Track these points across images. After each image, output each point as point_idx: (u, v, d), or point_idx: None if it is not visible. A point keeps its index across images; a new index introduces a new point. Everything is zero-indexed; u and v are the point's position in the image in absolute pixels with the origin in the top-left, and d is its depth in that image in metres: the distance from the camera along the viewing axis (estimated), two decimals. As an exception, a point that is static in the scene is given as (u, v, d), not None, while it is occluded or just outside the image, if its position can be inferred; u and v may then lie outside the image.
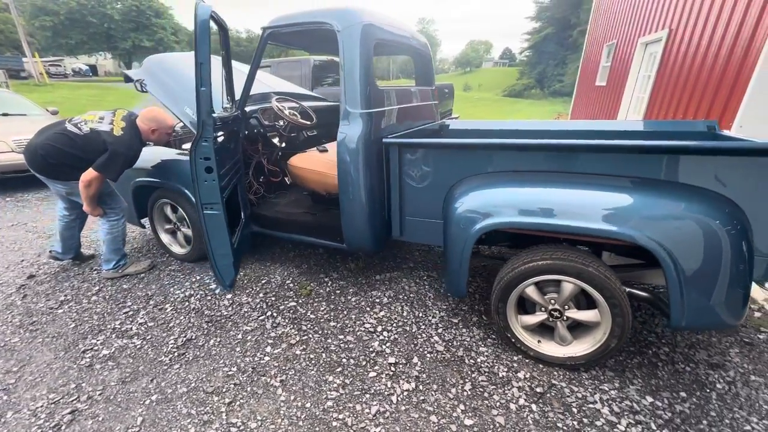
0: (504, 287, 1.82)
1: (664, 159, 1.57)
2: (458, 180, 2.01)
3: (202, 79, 1.59)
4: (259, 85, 3.08)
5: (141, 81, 2.78)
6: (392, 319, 2.20)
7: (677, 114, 4.05)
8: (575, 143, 1.66)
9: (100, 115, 2.38)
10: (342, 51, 1.97)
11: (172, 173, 2.61)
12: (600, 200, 1.59)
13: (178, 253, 2.91)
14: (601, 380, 1.79)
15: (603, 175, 1.67)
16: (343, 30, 1.95)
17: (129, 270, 2.71)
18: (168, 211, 2.85)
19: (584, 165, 1.71)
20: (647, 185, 1.59)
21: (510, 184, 1.79)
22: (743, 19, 3.14)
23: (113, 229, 2.56)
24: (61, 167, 2.28)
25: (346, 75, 1.98)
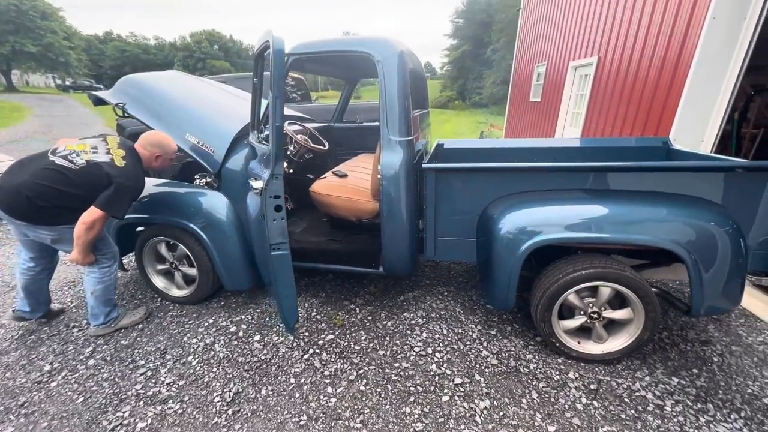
0: (551, 296, 1.99)
1: (680, 175, 1.88)
2: (491, 201, 2.16)
3: (279, 114, 1.48)
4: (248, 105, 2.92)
5: (121, 105, 2.47)
6: (436, 339, 2.24)
7: (614, 127, 4.76)
8: (611, 165, 1.91)
9: (92, 144, 2.05)
10: (382, 80, 2.00)
11: (173, 207, 2.34)
12: (634, 214, 1.84)
13: (178, 295, 2.59)
14: (632, 369, 2.04)
15: (629, 191, 1.94)
16: (384, 60, 1.98)
17: (123, 322, 2.34)
18: (163, 250, 2.54)
19: (613, 182, 1.96)
20: (667, 198, 1.88)
21: (551, 203, 1.97)
22: (666, 49, 3.84)
23: (105, 277, 2.20)
24: (52, 210, 1.92)
25: (387, 104, 2.01)
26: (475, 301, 2.67)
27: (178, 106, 2.48)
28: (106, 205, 1.91)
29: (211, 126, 2.41)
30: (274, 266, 1.61)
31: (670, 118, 3.72)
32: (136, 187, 2.03)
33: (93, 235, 1.95)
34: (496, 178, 2.11)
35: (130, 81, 2.64)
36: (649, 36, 4.16)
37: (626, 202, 1.89)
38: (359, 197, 2.34)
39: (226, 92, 3.04)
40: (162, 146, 2.19)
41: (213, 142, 2.33)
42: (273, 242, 1.57)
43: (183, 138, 2.37)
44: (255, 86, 2.07)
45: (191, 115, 2.45)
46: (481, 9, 35.95)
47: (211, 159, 2.32)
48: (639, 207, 1.87)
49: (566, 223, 1.89)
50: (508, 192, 2.12)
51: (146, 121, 2.45)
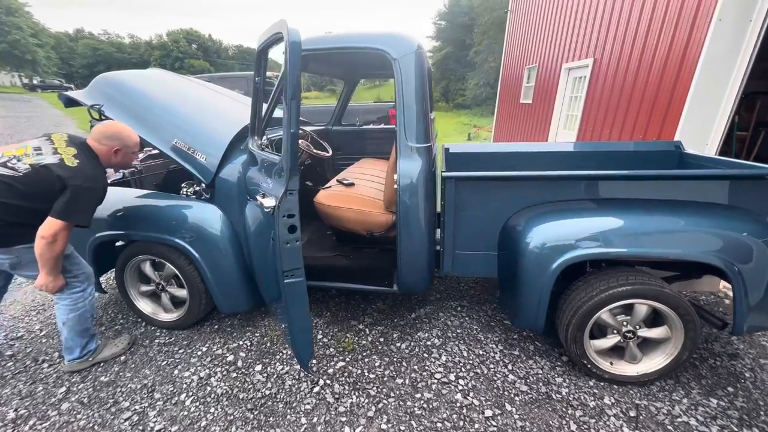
0: (583, 315, 1.83)
1: (719, 185, 1.75)
2: (515, 212, 2.00)
3: (294, 120, 1.26)
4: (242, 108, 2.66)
5: (98, 106, 2.18)
6: (457, 363, 2.06)
7: (613, 130, 4.71)
8: (650, 174, 1.77)
9: (34, 145, 1.74)
10: (399, 80, 1.80)
11: (159, 222, 2.07)
12: (676, 226, 1.70)
13: (165, 320, 2.32)
14: (667, 390, 1.91)
15: (664, 200, 1.81)
16: (400, 58, 1.78)
17: (103, 355, 2.06)
18: (147, 270, 2.26)
19: (644, 191, 1.82)
20: (706, 209, 1.76)
21: (584, 214, 1.82)
22: (668, 52, 3.80)
23: (78, 303, 1.91)
24: (1, 229, 1.63)
25: (405, 107, 1.81)
26: (491, 316, 2.50)
27: (163, 108, 2.21)
28: (64, 213, 1.61)
29: (202, 130, 2.15)
30: (287, 296, 1.39)
31: (674, 121, 3.66)
32: (97, 188, 1.73)
33: (58, 251, 1.66)
34: (522, 187, 1.95)
35: (108, 80, 2.35)
36: (649, 39, 4.11)
37: (666, 212, 1.75)
38: (371, 209, 2.13)
39: (216, 92, 2.78)
40: (121, 138, 1.85)
41: (205, 149, 2.08)
42: (286, 269, 1.34)
43: (170, 144, 2.11)
44: (257, 86, 1.84)
45: (179, 118, 2.18)
46: (463, 11, 36.27)
47: (203, 168, 2.07)
48: (679, 218, 1.73)
49: (603, 237, 1.74)
50: (534, 202, 1.97)
51: (126, 124, 2.17)
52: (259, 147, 1.83)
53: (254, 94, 1.85)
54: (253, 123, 1.92)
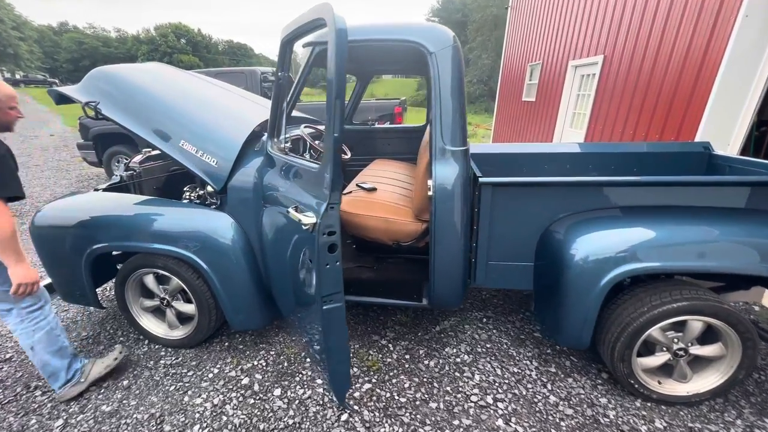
0: (633, 333, 1.69)
1: None
2: (556, 220, 1.86)
3: (339, 122, 1.07)
4: (251, 105, 2.46)
5: (94, 104, 1.97)
6: (492, 383, 1.91)
7: (626, 129, 4.60)
8: (720, 179, 1.63)
9: None
10: (436, 77, 1.63)
11: (165, 232, 1.87)
12: (740, 236, 1.57)
13: (171, 337, 2.12)
14: (719, 411, 1.78)
15: (721, 208, 1.68)
16: (438, 52, 1.61)
17: (95, 371, 1.85)
18: (151, 283, 2.06)
19: (699, 198, 1.69)
20: (762, 216, 1.62)
21: (636, 223, 1.67)
22: (688, 49, 3.68)
23: (39, 322, 1.67)
24: None
25: (441, 106, 1.64)
26: (519, 328, 2.35)
27: (167, 106, 2.01)
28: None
29: (211, 131, 1.96)
30: (325, 323, 1.21)
31: (694, 120, 3.56)
32: (2, 154, 1.50)
33: (9, 230, 1.45)
34: (565, 193, 1.80)
35: (104, 75, 2.13)
36: (665, 35, 4.00)
37: (727, 221, 1.61)
38: (398, 216, 1.96)
39: (221, 88, 2.57)
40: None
41: (216, 152, 1.88)
42: (325, 293, 1.17)
43: (177, 147, 1.91)
44: (280, 82, 1.64)
45: (185, 118, 1.98)
46: (456, 9, 36.12)
47: (214, 172, 1.87)
48: (740, 227, 1.60)
49: (662, 250, 1.59)
50: (577, 209, 1.82)
51: (126, 124, 1.96)
52: (282, 150, 1.64)
53: (276, 90, 1.66)
54: (273, 123, 1.73)
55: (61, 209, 2.04)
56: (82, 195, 2.14)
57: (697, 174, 2.66)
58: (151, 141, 1.92)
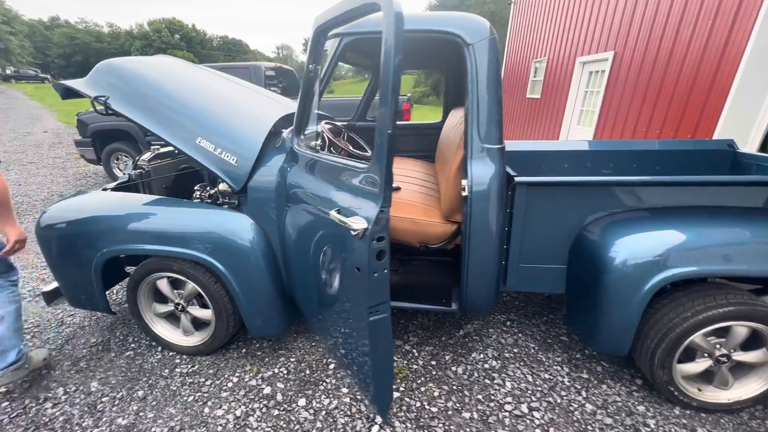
0: (675, 339, 1.63)
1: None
2: (591, 220, 1.78)
3: (390, 117, 0.98)
4: (266, 99, 2.36)
5: (103, 98, 1.86)
6: (525, 391, 1.84)
7: (638, 127, 4.54)
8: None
9: None
10: (473, 71, 1.54)
11: (181, 234, 1.77)
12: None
13: (187, 344, 2.02)
14: (760, 418, 1.72)
15: (758, 208, 1.61)
16: (475, 44, 1.52)
17: (36, 361, 1.88)
18: (164, 288, 1.96)
19: (747, 198, 1.62)
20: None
21: (683, 225, 1.60)
22: (705, 45, 3.61)
23: (15, 296, 1.80)
24: None
25: (478, 101, 1.55)
26: (545, 332, 2.28)
27: (181, 101, 1.90)
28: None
29: (229, 128, 1.85)
30: (371, 335, 1.13)
31: (712, 117, 3.50)
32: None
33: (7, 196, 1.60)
34: (602, 193, 1.73)
35: (112, 68, 2.01)
36: (681, 31, 3.93)
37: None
38: (426, 218, 1.88)
39: (234, 83, 2.46)
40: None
41: (235, 149, 1.78)
42: (373, 303, 1.08)
43: (193, 144, 1.80)
44: (310, 75, 1.54)
45: (201, 114, 1.88)
46: (453, 5, 35.93)
47: (233, 171, 1.77)
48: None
49: (709, 253, 1.52)
50: (614, 210, 1.75)
51: (138, 119, 1.85)
52: (311, 148, 1.55)
53: (305, 84, 1.56)
54: (301, 118, 1.63)
55: (69, 210, 1.93)
56: (90, 195, 2.03)
57: (721, 172, 2.60)
58: (166, 138, 1.81)
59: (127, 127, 5.29)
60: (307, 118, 1.64)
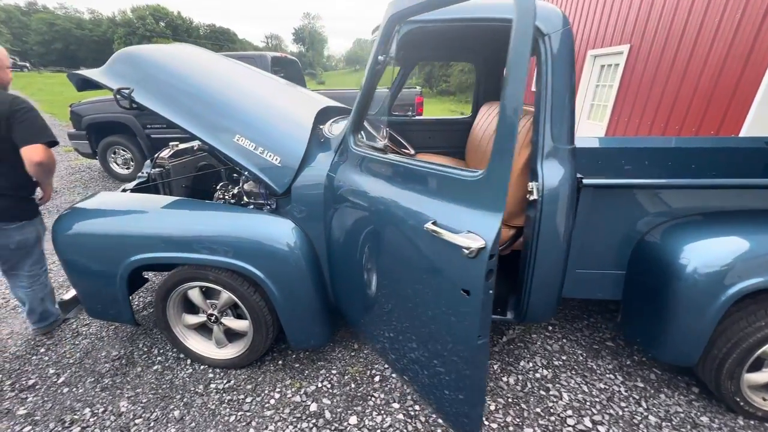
0: (747, 349, 1.56)
1: None
2: (656, 225, 1.70)
3: (516, 112, 0.84)
4: (296, 93, 2.19)
5: (127, 91, 1.68)
6: (583, 402, 1.76)
7: (656, 122, 4.49)
8: None
9: None
10: (547, 63, 1.42)
11: (219, 241, 1.62)
12: None
13: (221, 357, 1.89)
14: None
15: None
16: (552, 34, 1.40)
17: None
18: (196, 298, 1.81)
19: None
20: None
21: (757, 230, 1.52)
22: (732, 38, 3.54)
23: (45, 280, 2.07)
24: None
25: (552, 97, 1.43)
26: (589, 336, 2.21)
27: (215, 95, 1.74)
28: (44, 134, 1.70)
29: (270, 124, 1.70)
30: (474, 358, 1.01)
31: (740, 113, 3.45)
32: (24, 102, 1.70)
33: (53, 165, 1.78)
34: (671, 196, 1.64)
35: (133, 58, 1.83)
36: (706, 23, 3.85)
37: None
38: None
39: (259, 73, 2.29)
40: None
41: (278, 148, 1.63)
42: (483, 327, 0.96)
43: (230, 143, 1.64)
44: (376, 68, 1.39)
45: (236, 109, 1.72)
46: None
47: (277, 172, 1.62)
48: None
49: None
50: (682, 213, 1.66)
51: (168, 115, 1.68)
52: (379, 149, 1.40)
53: (370, 76, 1.41)
54: (361, 116, 1.49)
55: (90, 214, 1.76)
56: (110, 196, 1.86)
57: (757, 172, 2.53)
58: (200, 136, 1.65)
59: (125, 120, 5.03)
60: (364, 114, 1.50)
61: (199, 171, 2.49)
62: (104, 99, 5.36)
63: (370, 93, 1.44)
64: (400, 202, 1.20)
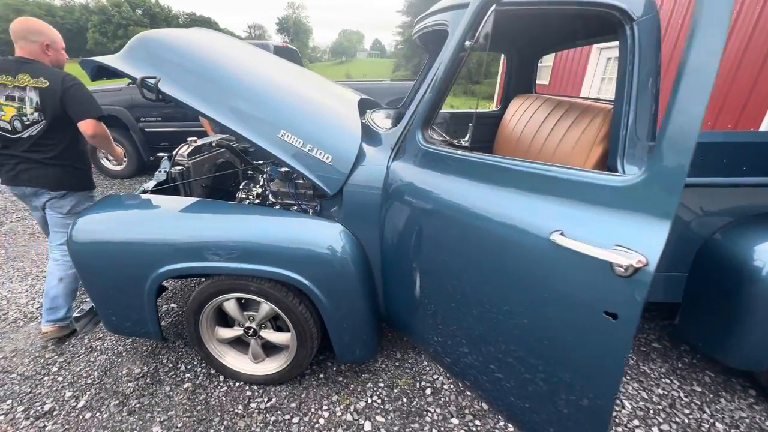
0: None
1: None
2: (723, 225, 1.62)
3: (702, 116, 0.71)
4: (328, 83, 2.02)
5: (152, 80, 1.49)
6: (647, 411, 1.68)
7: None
8: None
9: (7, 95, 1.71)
10: (634, 52, 1.30)
11: (273, 251, 1.45)
12: None
13: (261, 374, 1.73)
14: None
15: None
16: (642, 20, 1.27)
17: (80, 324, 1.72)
18: (232, 310, 1.65)
19: None
20: None
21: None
22: (752, 30, 3.51)
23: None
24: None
25: (639, 89, 1.32)
26: (635, 338, 2.14)
27: (251, 85, 1.56)
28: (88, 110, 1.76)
29: (317, 117, 1.54)
30: (601, 387, 0.89)
31: (759, 108, 3.44)
32: (75, 80, 1.77)
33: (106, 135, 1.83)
34: (742, 195, 1.56)
35: (155, 43, 1.62)
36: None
37: None
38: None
39: (287, 63, 2.11)
40: (43, 33, 1.79)
41: (330, 145, 1.47)
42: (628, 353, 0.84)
43: (274, 138, 1.47)
44: (459, 55, 1.24)
45: (278, 100, 1.54)
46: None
47: (327, 171, 1.47)
48: None
49: None
50: (754, 212, 1.59)
51: (202, 108, 1.49)
52: (462, 147, 1.26)
53: (453, 64, 1.26)
54: (435, 109, 1.34)
55: (111, 219, 1.57)
56: (130, 199, 1.67)
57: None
58: (239, 131, 1.46)
59: (116, 112, 4.71)
60: (438, 109, 1.35)
61: (219, 169, 2.30)
62: (93, 89, 5.03)
63: (448, 83, 1.29)
64: (503, 208, 1.05)
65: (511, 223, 1.04)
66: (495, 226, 1.09)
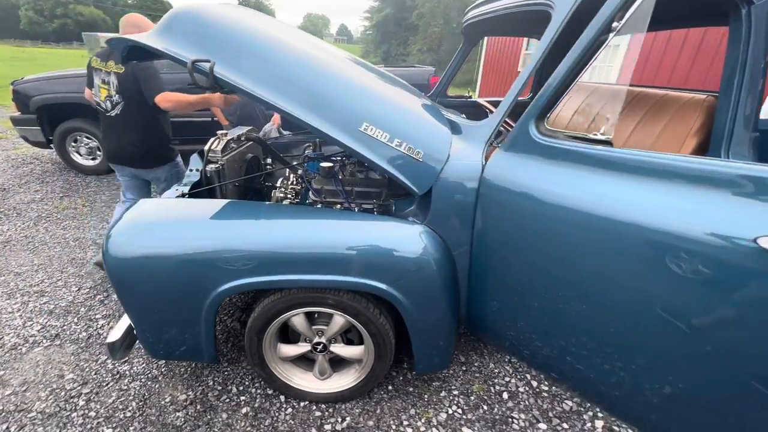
0: None
1: None
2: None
3: None
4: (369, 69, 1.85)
5: (206, 64, 1.26)
6: None
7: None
8: None
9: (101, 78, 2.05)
10: (750, 39, 1.24)
11: (356, 260, 1.28)
12: None
13: (331, 391, 1.58)
14: None
15: None
16: (759, 5, 1.21)
17: None
18: (300, 325, 1.47)
19: None
20: None
21: None
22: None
23: None
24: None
25: (751, 80, 1.27)
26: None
27: (319, 70, 1.36)
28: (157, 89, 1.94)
29: (400, 108, 1.37)
30: None
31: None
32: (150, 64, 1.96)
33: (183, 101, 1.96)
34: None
35: (202, 20, 1.37)
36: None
37: None
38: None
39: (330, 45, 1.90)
40: (138, 25, 2.00)
41: (419, 139, 1.32)
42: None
43: (355, 132, 1.29)
44: (599, 34, 1.11)
45: (356, 88, 1.37)
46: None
47: (417, 169, 1.31)
48: None
49: None
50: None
51: (270, 97, 1.28)
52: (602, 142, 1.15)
53: (588, 46, 1.14)
54: (555, 95, 1.22)
55: (154, 229, 1.34)
56: (170, 206, 1.43)
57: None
58: (315, 125, 1.27)
59: (86, 101, 4.20)
60: (560, 98, 1.23)
61: (248, 165, 2.06)
62: (56, 75, 4.44)
63: (578, 69, 1.17)
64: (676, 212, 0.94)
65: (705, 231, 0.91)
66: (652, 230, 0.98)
